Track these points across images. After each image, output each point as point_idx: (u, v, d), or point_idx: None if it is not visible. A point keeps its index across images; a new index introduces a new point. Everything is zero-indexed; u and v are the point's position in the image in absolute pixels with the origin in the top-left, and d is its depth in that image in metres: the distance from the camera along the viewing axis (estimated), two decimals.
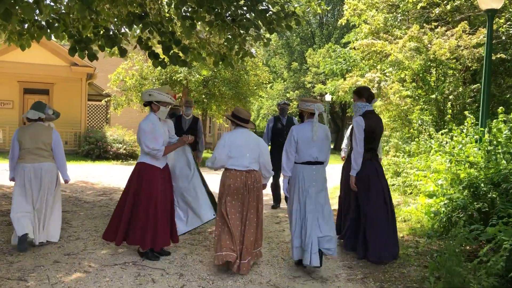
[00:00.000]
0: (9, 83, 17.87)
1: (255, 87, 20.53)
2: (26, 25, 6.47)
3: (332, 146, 37.26)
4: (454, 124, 8.23)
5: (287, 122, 7.88)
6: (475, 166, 6.04)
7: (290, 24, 6.45)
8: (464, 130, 7.47)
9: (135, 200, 4.66)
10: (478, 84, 10.89)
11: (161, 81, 18.04)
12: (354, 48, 14.43)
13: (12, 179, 5.13)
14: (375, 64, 13.99)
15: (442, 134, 8.75)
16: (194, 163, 6.22)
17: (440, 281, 3.99)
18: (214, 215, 5.70)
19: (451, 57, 10.86)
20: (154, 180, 4.68)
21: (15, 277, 4.06)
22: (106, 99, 19.63)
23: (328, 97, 26.64)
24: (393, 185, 9.47)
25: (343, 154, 8.49)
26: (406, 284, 4.20)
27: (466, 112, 8.19)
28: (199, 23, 6.52)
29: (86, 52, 5.75)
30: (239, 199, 4.44)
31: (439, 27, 11.62)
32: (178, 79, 17.50)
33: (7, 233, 5.48)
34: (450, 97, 10.68)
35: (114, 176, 12.16)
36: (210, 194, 6.18)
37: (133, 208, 4.66)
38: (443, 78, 11.31)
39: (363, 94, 5.11)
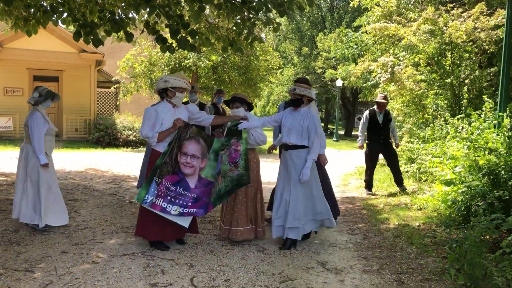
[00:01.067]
0: (19, 71, 17.83)
1: (265, 73, 20.26)
2: (32, 10, 6.34)
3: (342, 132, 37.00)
4: (471, 109, 7.97)
5: None
6: (494, 152, 5.82)
7: (303, 5, 6.23)
8: (482, 115, 7.22)
9: None
10: (496, 68, 10.57)
11: (170, 67, 17.86)
12: (366, 32, 14.10)
13: None
14: (387, 48, 13.67)
15: (458, 119, 8.50)
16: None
17: (461, 273, 3.83)
18: None
19: (467, 40, 10.54)
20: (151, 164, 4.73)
21: (22, 268, 3.97)
22: (115, 86, 19.53)
23: (339, 82, 26.29)
24: (407, 171, 9.28)
25: (360, 143, 8.36)
26: (424, 276, 4.04)
27: (484, 96, 7.93)
28: (208, 6, 6.32)
29: (92, 37, 5.59)
30: None
31: (455, 8, 11.26)
32: (187, 65, 17.31)
33: (15, 222, 5.40)
34: (466, 81, 10.39)
35: (123, 163, 12.09)
36: None
37: None
38: (458, 62, 10.99)
39: None
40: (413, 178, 9.03)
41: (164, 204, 4.55)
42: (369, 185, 8.36)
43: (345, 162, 14.52)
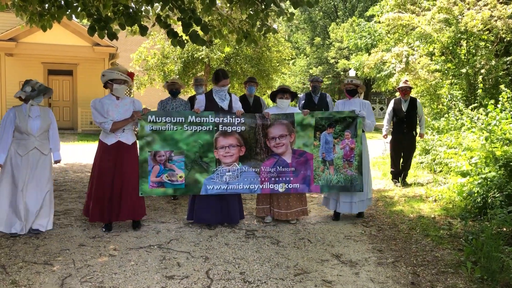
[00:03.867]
0: (34, 65, 18.03)
1: (277, 64, 20.22)
2: (46, 5, 6.39)
3: None
4: (488, 99, 7.85)
5: (320, 100, 7.34)
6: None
7: (310, 1, 6.16)
8: (499, 105, 7.12)
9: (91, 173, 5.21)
10: None
11: (182, 59, 17.91)
12: (379, 22, 13.95)
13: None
14: (401, 38, 13.52)
15: (472, 109, 8.40)
16: None
17: (477, 266, 3.80)
18: None
19: (483, 29, 10.36)
20: (99, 154, 5.03)
21: (41, 261, 4.05)
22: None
23: (352, 73, 26.08)
24: (421, 162, 9.21)
25: (384, 132, 8.18)
26: (440, 269, 4.03)
27: (501, 86, 7.81)
28: None
29: (106, 31, 5.61)
30: None
31: None
32: (200, 57, 17.33)
33: None
34: (482, 70, 10.23)
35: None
36: None
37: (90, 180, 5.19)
38: (474, 51, 10.83)
39: None
40: (427, 169, 8.95)
41: (271, 186, 5.33)
42: (395, 175, 8.08)
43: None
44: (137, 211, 5.10)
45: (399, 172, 8.00)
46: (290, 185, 5.37)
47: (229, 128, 5.27)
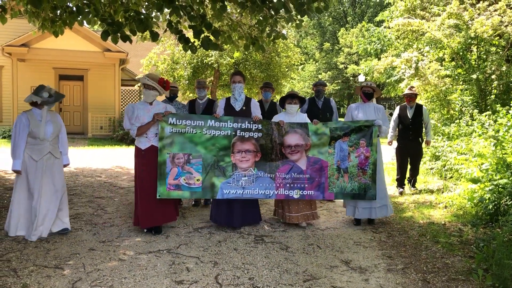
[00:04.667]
0: (45, 70, 18.24)
1: (286, 69, 20.24)
2: (58, 12, 6.47)
3: None
4: (499, 105, 7.79)
5: (323, 105, 7.17)
6: None
7: (320, 7, 6.18)
8: (511, 111, 7.06)
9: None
10: None
11: (192, 65, 18.00)
12: (389, 27, 13.92)
13: None
14: (410, 43, 13.47)
15: (485, 115, 8.33)
16: None
17: (489, 274, 3.77)
18: None
19: (494, 34, 10.30)
20: (136, 161, 5.22)
21: (52, 265, 4.08)
22: (139, 84, 19.76)
23: (361, 78, 26.04)
24: (431, 168, 9.15)
25: (389, 138, 7.97)
26: (450, 276, 3.99)
27: None
28: (230, 4, 6.33)
29: (119, 34, 5.67)
30: None
31: (481, 2, 11.01)
32: (209, 63, 17.41)
33: None
34: (493, 76, 10.16)
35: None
36: None
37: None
38: (485, 56, 10.76)
39: None
40: (438, 175, 8.89)
41: (286, 192, 5.39)
42: (400, 182, 7.97)
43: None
44: (168, 214, 5.28)
45: (404, 179, 7.95)
46: (305, 192, 5.42)
47: (246, 134, 5.36)
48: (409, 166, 7.91)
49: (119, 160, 12.12)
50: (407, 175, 8.00)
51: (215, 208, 5.52)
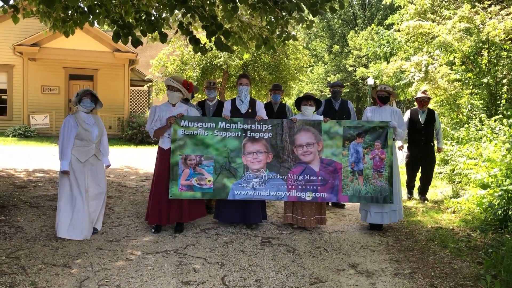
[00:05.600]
0: (55, 70, 18.41)
1: (295, 71, 20.22)
2: (69, 12, 6.53)
3: None
4: (510, 110, 7.72)
5: (340, 106, 6.91)
6: None
7: (334, 6, 6.17)
8: None
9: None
10: None
11: (201, 66, 18.05)
12: (399, 30, 13.87)
13: None
14: (420, 46, 13.41)
15: (495, 120, 8.27)
16: None
17: (497, 280, 3.74)
18: None
19: (506, 38, 10.22)
20: (158, 159, 5.36)
21: (60, 264, 4.11)
22: (148, 85, 19.88)
23: (370, 81, 25.96)
24: (440, 173, 9.10)
25: (400, 143, 7.38)
26: (458, 281, 3.97)
27: None
28: (241, 5, 6.35)
29: (130, 38, 5.71)
30: None
31: (493, 5, 10.94)
32: (218, 64, 17.45)
33: (53, 218, 5.59)
34: (504, 80, 10.09)
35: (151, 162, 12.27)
36: None
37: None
38: (495, 61, 10.68)
39: None
40: (446, 179, 8.84)
41: (298, 194, 5.34)
42: (410, 189, 7.75)
43: None
44: (192, 212, 5.39)
45: (412, 186, 7.73)
46: (318, 194, 5.38)
47: (256, 135, 5.37)
48: (419, 175, 7.61)
49: (128, 160, 12.18)
50: (417, 184, 7.70)
51: (221, 207, 5.56)
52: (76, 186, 4.89)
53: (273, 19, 6.28)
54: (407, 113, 7.65)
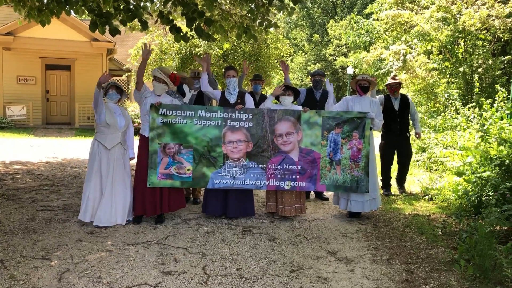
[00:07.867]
0: (31, 60, 18.00)
1: (275, 61, 20.21)
2: (45, 1, 6.39)
3: None
4: (483, 99, 7.90)
5: (322, 96, 6.63)
6: (507, 143, 5.80)
7: None
8: (495, 105, 7.17)
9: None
10: (509, 56, 10.46)
11: (180, 55, 17.87)
12: (378, 19, 13.99)
13: None
14: (399, 36, 13.56)
15: (469, 108, 8.44)
16: None
17: (470, 264, 3.86)
18: None
19: (481, 28, 10.41)
20: (139, 147, 5.37)
21: (39, 256, 4.08)
22: (126, 74, 19.62)
23: (350, 70, 26.13)
24: (417, 161, 9.27)
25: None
26: (433, 266, 4.08)
27: (497, 85, 7.86)
28: None
29: (107, 27, 5.63)
30: None
31: None
32: (198, 53, 17.31)
33: (31, 210, 5.53)
34: (479, 69, 10.29)
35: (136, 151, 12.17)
36: None
37: None
38: (471, 50, 10.89)
39: None
40: (423, 167, 9.02)
41: (277, 183, 5.40)
42: (386, 184, 7.26)
43: None
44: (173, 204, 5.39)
45: (390, 181, 7.31)
46: (296, 183, 5.43)
47: (237, 124, 5.36)
48: (396, 165, 7.46)
49: None
50: (394, 175, 7.48)
51: (209, 200, 5.55)
52: (101, 173, 5.08)
53: (253, 7, 6.27)
54: (380, 98, 7.12)
